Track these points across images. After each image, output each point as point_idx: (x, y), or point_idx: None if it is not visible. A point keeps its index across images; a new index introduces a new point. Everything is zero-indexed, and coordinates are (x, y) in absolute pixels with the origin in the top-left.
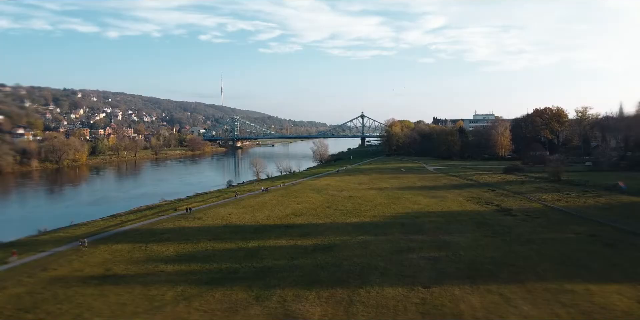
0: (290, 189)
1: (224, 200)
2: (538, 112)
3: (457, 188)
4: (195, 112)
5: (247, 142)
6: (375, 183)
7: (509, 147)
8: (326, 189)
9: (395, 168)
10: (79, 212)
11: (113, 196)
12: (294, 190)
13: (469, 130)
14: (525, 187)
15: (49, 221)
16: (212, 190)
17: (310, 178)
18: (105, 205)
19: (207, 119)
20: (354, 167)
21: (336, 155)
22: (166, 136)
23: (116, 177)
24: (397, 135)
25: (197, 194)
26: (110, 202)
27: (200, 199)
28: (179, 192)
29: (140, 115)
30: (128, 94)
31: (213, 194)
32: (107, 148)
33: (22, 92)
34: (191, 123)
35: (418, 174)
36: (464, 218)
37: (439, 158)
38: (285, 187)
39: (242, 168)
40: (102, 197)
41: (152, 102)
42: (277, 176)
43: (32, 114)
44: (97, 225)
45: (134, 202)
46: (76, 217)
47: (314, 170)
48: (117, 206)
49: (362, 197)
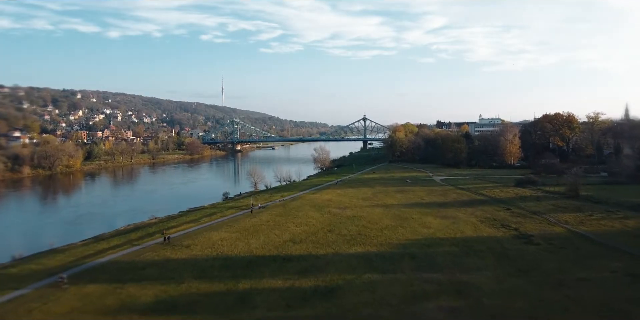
0: (289, 205)
1: (218, 220)
2: (548, 118)
3: (468, 205)
4: (196, 112)
5: (247, 145)
6: (380, 198)
7: (518, 155)
8: (327, 206)
9: (400, 178)
10: (61, 231)
11: (99, 212)
12: (293, 208)
13: (475, 135)
14: (542, 205)
15: (25, 243)
16: (206, 204)
17: (311, 190)
18: (91, 222)
19: (207, 120)
20: (356, 177)
21: (338, 160)
22: (164, 139)
23: (109, 185)
24: (401, 141)
25: (190, 209)
26: (96, 219)
27: (192, 217)
28: (171, 206)
29: (140, 116)
30: (128, 94)
31: (206, 211)
32: (103, 152)
33: (20, 93)
34: (191, 124)
35: (425, 187)
36: (482, 247)
37: (445, 166)
38: (283, 202)
39: (240, 175)
40: (88, 213)
41: (153, 102)
42: (276, 187)
43: (29, 116)
44: (76, 254)
45: (121, 219)
46: (57, 237)
47: (315, 180)
48: (103, 224)
49: (366, 218)
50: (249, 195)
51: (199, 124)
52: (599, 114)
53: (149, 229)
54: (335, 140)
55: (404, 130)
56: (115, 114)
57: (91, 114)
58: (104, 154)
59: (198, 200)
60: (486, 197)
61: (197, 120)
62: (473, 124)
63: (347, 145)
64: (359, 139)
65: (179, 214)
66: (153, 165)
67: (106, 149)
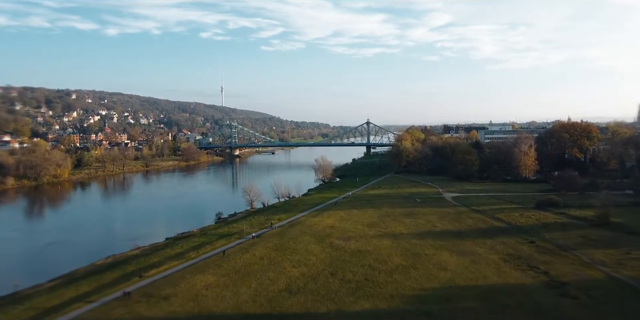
0: (287, 234)
1: (206, 254)
2: (564, 127)
3: (487, 235)
4: (194, 113)
5: (246, 149)
6: (388, 224)
7: (533, 168)
8: (329, 236)
9: (407, 195)
10: (32, 263)
11: (79, 238)
12: (291, 238)
13: (485, 142)
14: (569, 236)
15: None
16: (196, 230)
17: (311, 212)
18: (68, 251)
19: (206, 121)
20: (360, 193)
21: (340, 168)
22: (159, 145)
23: (95, 199)
24: (407, 150)
25: (177, 236)
26: (75, 246)
27: (178, 250)
28: (158, 229)
29: (136, 117)
30: (125, 94)
31: (195, 240)
32: (94, 160)
33: (13, 93)
34: (189, 125)
35: (436, 208)
36: (510, 302)
37: (455, 178)
38: (281, 229)
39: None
40: (66, 239)
41: (150, 102)
42: (274, 205)
43: (21, 119)
44: (37, 305)
45: (101, 247)
46: (26, 274)
47: (317, 196)
48: (80, 253)
49: (373, 253)
50: (245, 215)
51: (197, 125)
52: (620, 123)
53: (127, 266)
54: (338, 145)
55: (410, 138)
56: (111, 115)
57: (86, 115)
58: (94, 161)
59: (188, 220)
60: (505, 224)
61: (196, 121)
62: (483, 131)
63: (349, 151)
64: (362, 144)
65: (164, 243)
66: (146, 173)
67: (97, 155)
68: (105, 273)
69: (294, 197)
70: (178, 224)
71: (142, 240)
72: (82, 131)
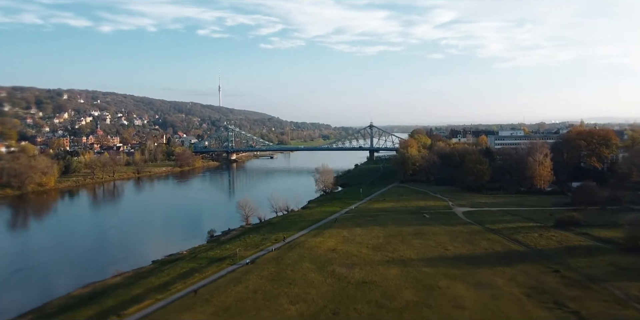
0: (284, 259)
1: (194, 286)
2: (581, 134)
3: (505, 262)
4: (191, 113)
5: (243, 153)
6: (395, 247)
7: (549, 179)
8: (331, 262)
9: (415, 210)
10: None
11: (57, 258)
12: (289, 264)
13: (495, 149)
14: (597, 263)
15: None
16: (185, 251)
17: (311, 230)
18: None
19: (203, 121)
20: (364, 207)
21: (342, 176)
22: (152, 149)
23: (80, 211)
24: (414, 158)
25: (164, 259)
26: (49, 272)
27: (164, 278)
28: (145, 249)
29: (130, 118)
30: (119, 94)
31: (183, 266)
32: (83, 166)
33: (2, 94)
34: (185, 126)
35: (447, 226)
36: None
37: (465, 189)
38: (278, 253)
39: (234, 193)
40: (41, 262)
41: (145, 102)
42: (270, 221)
43: (8, 121)
44: None
45: (80, 272)
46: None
47: (317, 210)
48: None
49: (381, 286)
50: (239, 234)
51: (193, 127)
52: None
53: (107, 299)
54: (340, 149)
55: (416, 145)
56: (103, 116)
57: (78, 116)
58: (83, 167)
59: (178, 237)
60: (524, 247)
61: (192, 122)
62: (493, 136)
63: (352, 153)
64: (365, 149)
65: (150, 267)
66: (138, 180)
67: (86, 161)
68: (80, 309)
69: (292, 211)
70: (167, 242)
71: (127, 262)
72: (73, 133)
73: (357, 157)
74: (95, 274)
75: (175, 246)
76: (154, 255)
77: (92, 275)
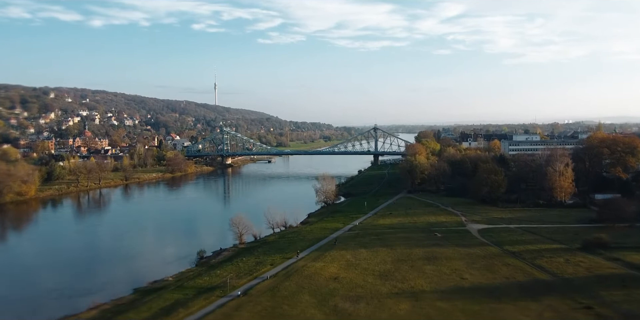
0: (280, 290)
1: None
2: (604, 141)
3: (529, 294)
4: (185, 113)
5: (239, 157)
6: (404, 274)
7: (570, 191)
8: (333, 294)
9: (425, 227)
10: None
11: (23, 291)
12: (286, 297)
13: (510, 154)
14: (634, 297)
15: None
16: (171, 277)
17: (311, 251)
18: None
19: (197, 121)
20: (369, 222)
21: (345, 183)
22: (142, 153)
23: (60, 225)
24: (422, 166)
25: (147, 287)
26: (7, 305)
27: (145, 313)
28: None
29: (120, 118)
30: (109, 92)
31: (167, 297)
32: (67, 172)
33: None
34: (178, 127)
35: (461, 247)
36: None
37: (478, 201)
38: (274, 281)
39: (228, 204)
40: (1, 291)
41: (137, 101)
42: (266, 240)
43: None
44: None
45: (52, 303)
46: None
47: (318, 227)
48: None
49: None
50: (232, 255)
51: (187, 127)
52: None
53: None
54: (342, 153)
55: (425, 151)
56: (92, 116)
57: (65, 116)
58: (67, 173)
59: (164, 258)
60: (550, 276)
61: (186, 122)
62: (507, 141)
63: (355, 159)
64: (369, 153)
65: (130, 298)
66: (126, 188)
67: (71, 167)
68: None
69: (290, 227)
70: (152, 264)
71: (106, 289)
72: (59, 135)
73: (361, 161)
74: (68, 306)
75: (160, 269)
76: (137, 280)
77: (64, 308)
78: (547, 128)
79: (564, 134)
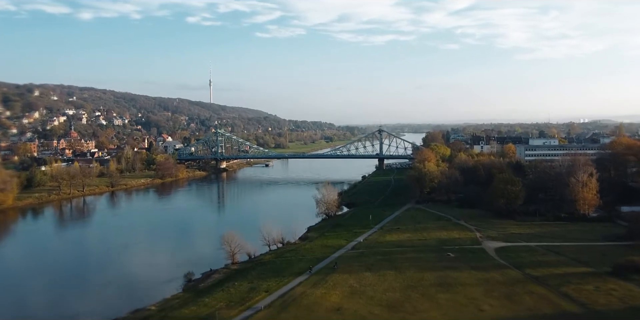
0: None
1: None
2: (631, 148)
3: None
4: (178, 111)
5: (235, 161)
6: (416, 304)
7: (594, 203)
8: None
9: (436, 245)
10: None
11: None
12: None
13: (526, 160)
14: None
15: None
16: (153, 306)
17: (311, 274)
18: None
19: (191, 120)
20: (375, 239)
21: (348, 191)
22: (130, 157)
23: (35, 239)
24: (432, 174)
25: (128, 316)
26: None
27: None
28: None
29: (109, 117)
30: (98, 89)
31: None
32: (49, 178)
33: None
34: (171, 126)
35: (477, 271)
36: None
37: (494, 214)
38: (268, 314)
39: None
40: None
41: (127, 99)
42: (262, 261)
43: None
44: None
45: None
46: None
47: (318, 243)
48: None
49: None
50: (223, 278)
51: (180, 127)
52: None
53: None
54: (345, 157)
55: (435, 157)
56: (79, 115)
57: (50, 116)
58: (49, 180)
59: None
60: (579, 307)
61: (179, 122)
62: (522, 146)
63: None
64: (373, 156)
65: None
66: (112, 196)
67: (53, 173)
68: None
69: (288, 244)
70: (134, 288)
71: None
72: (44, 136)
73: (365, 164)
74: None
75: (143, 294)
76: (116, 308)
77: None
78: (563, 128)
79: (582, 136)
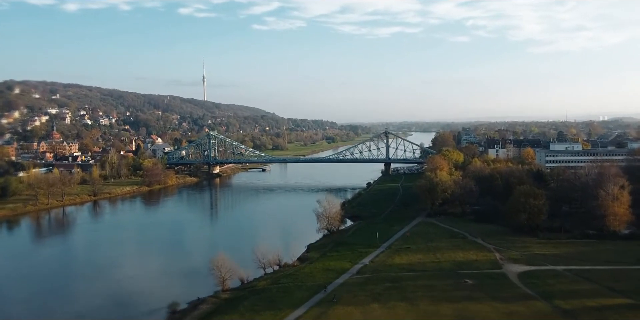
0: None
1: None
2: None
3: None
4: (168, 110)
5: (229, 165)
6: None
7: (626, 218)
8: None
9: (451, 269)
10: None
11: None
12: None
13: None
14: None
15: None
16: None
17: (310, 306)
18: None
19: (183, 119)
20: (382, 261)
21: (351, 201)
22: (115, 162)
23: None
24: (444, 183)
25: None
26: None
27: None
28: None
29: (95, 117)
30: (83, 86)
31: None
32: (25, 187)
33: None
34: (161, 126)
35: (499, 302)
36: None
37: (513, 230)
38: None
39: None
40: None
41: (114, 96)
42: (255, 288)
43: None
44: None
45: None
46: None
47: (319, 265)
48: None
49: None
50: (211, 310)
51: (171, 127)
52: None
53: None
54: (349, 161)
55: (447, 165)
56: (62, 114)
57: (31, 115)
58: (26, 188)
59: (126, 314)
60: None
61: (169, 121)
62: (542, 151)
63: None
64: (380, 161)
65: None
66: (94, 205)
67: (29, 181)
68: None
69: (285, 266)
70: None
71: None
72: (24, 137)
73: (370, 169)
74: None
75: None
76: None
77: None
78: (582, 127)
79: (605, 137)
